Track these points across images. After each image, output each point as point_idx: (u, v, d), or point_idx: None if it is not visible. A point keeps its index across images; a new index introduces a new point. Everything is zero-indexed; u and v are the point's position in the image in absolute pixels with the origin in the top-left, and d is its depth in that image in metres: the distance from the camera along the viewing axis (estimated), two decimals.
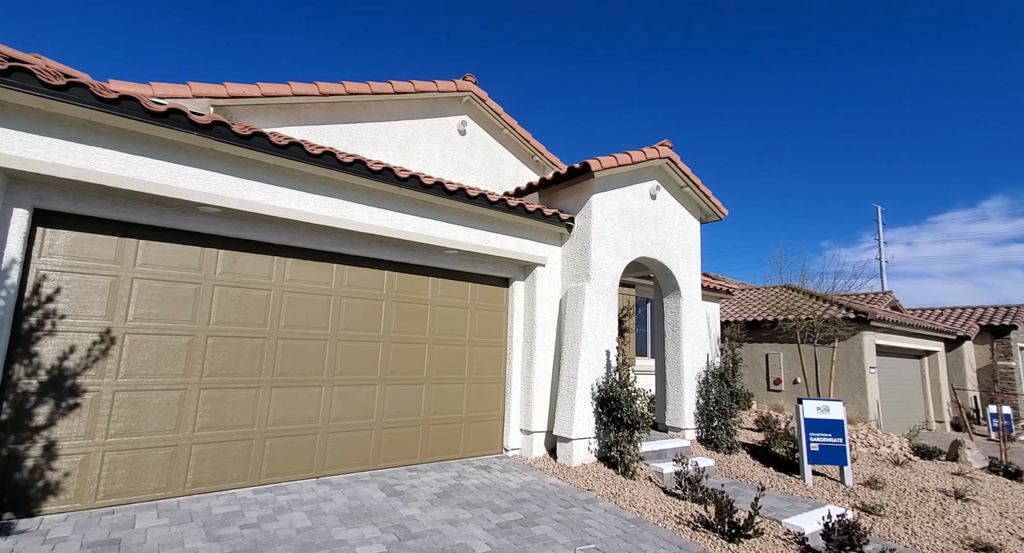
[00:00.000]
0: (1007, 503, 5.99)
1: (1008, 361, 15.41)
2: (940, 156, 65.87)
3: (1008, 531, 5.06)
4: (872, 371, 12.18)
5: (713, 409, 7.05)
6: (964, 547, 4.57)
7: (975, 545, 4.56)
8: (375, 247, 5.37)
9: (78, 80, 3.51)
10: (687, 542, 4.03)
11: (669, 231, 7.57)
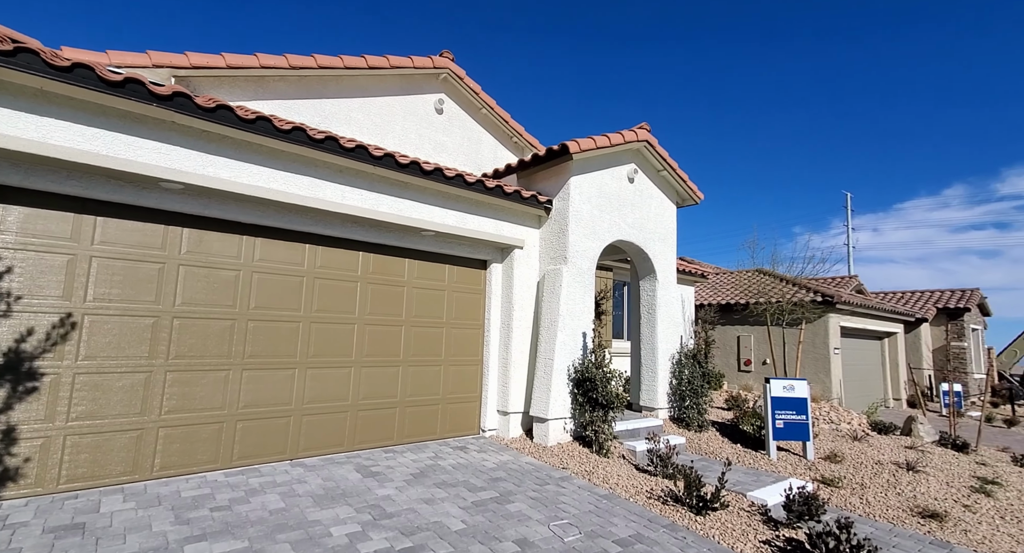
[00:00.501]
0: (953, 474, 6.38)
1: (960, 342, 16.27)
2: (909, 144, 68.07)
3: (953, 499, 5.39)
4: (836, 352, 12.69)
5: (685, 389, 7.25)
6: (913, 514, 4.86)
7: (923, 512, 4.85)
8: (349, 228, 5.25)
9: (27, 46, 3.27)
10: (657, 515, 4.17)
11: (646, 214, 7.63)
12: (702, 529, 3.97)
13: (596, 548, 3.44)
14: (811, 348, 12.65)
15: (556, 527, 3.71)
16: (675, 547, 3.59)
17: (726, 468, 4.41)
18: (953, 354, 16.23)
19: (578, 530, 3.70)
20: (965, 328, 16.41)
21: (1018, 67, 46.68)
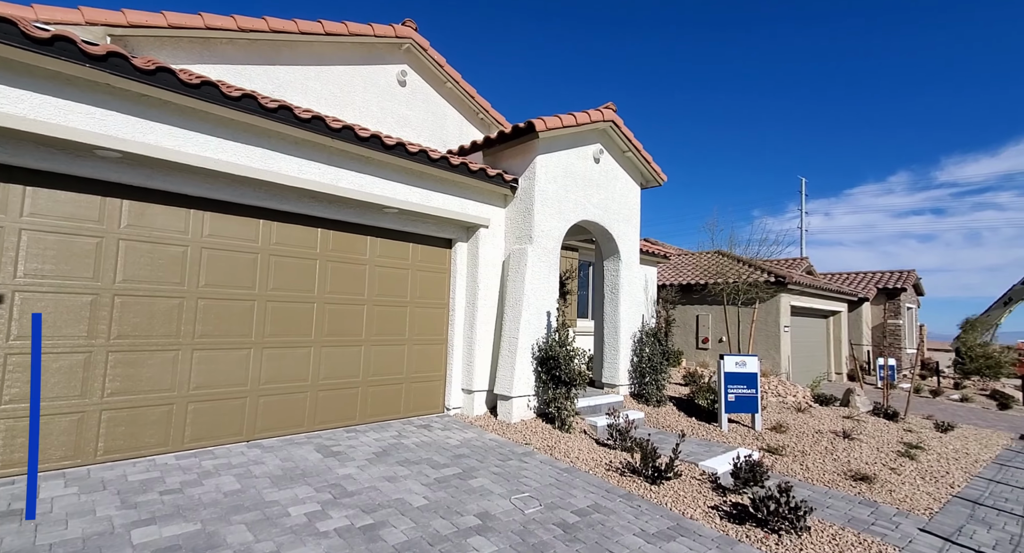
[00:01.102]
0: (883, 440, 6.92)
1: (897, 319, 17.50)
2: (860, 131, 71.40)
3: (881, 463, 5.87)
4: (786, 330, 13.40)
5: (645, 366, 7.49)
6: (846, 478, 5.26)
7: (855, 476, 5.25)
8: (307, 203, 5.05)
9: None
10: (614, 486, 4.34)
11: (611, 195, 7.70)
12: (656, 497, 4.17)
13: (555, 518, 3.56)
14: (763, 326, 13.29)
15: (517, 500, 3.81)
16: (630, 515, 3.75)
17: (680, 440, 4.61)
18: (889, 331, 17.46)
19: (538, 502, 3.81)
20: (901, 307, 17.62)
21: (959, 58, 49.15)
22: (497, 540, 3.15)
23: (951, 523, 4.31)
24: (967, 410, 11.20)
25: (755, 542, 3.49)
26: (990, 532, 4.19)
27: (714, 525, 3.73)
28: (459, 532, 3.20)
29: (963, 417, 9.98)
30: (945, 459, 6.36)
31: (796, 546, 3.48)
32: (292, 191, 4.84)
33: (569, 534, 3.32)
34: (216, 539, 2.86)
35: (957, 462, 6.29)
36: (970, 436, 7.95)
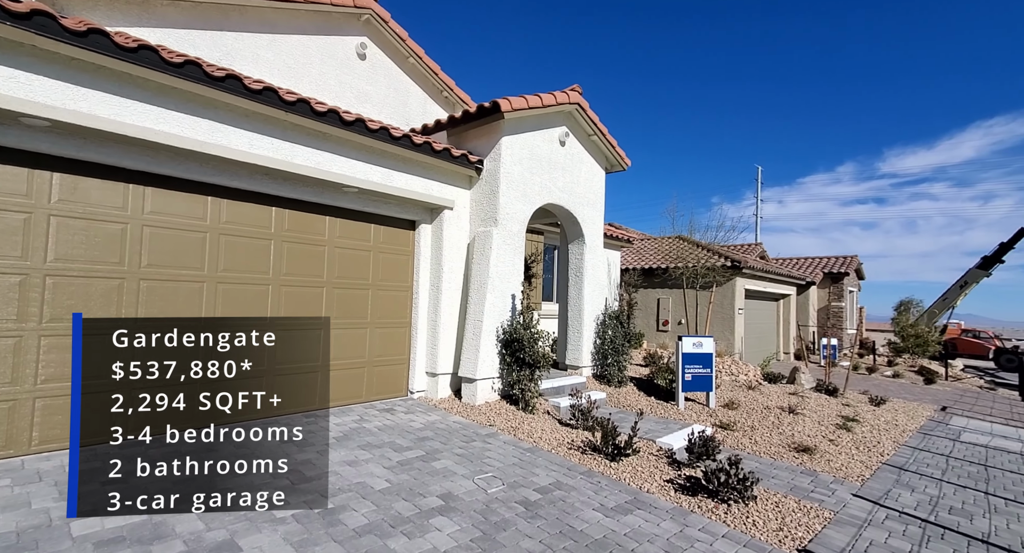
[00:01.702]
0: (824, 414, 7.41)
1: (840, 302, 18.63)
2: (813, 122, 74.38)
3: (822, 436, 6.28)
4: (740, 312, 14.01)
5: (608, 348, 7.67)
6: (790, 450, 5.61)
7: (798, 447, 5.60)
8: (260, 180, 4.80)
9: None
10: (575, 464, 4.45)
11: (576, 179, 7.72)
12: (615, 474, 4.31)
13: (518, 497, 3.62)
14: (719, 309, 13.85)
15: (480, 480, 3.85)
16: (590, 491, 3.87)
17: (638, 418, 4.77)
18: (833, 313, 18.59)
19: (501, 482, 3.87)
20: (844, 290, 18.76)
21: (906, 52, 51.79)
22: (459, 519, 3.18)
23: (880, 488, 4.68)
24: (898, 385, 12.14)
25: (706, 512, 3.67)
26: (913, 494, 4.58)
27: (669, 498, 3.90)
28: (421, 513, 3.21)
29: (894, 392, 10.81)
30: (877, 430, 6.88)
31: (743, 514, 3.69)
32: (243, 167, 4.58)
33: (531, 511, 3.39)
34: (164, 529, 2.76)
35: (887, 433, 6.82)
36: (899, 409, 8.63)
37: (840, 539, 3.46)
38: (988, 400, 11.02)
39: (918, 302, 20.22)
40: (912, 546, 3.49)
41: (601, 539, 3.09)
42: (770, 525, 3.56)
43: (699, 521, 3.52)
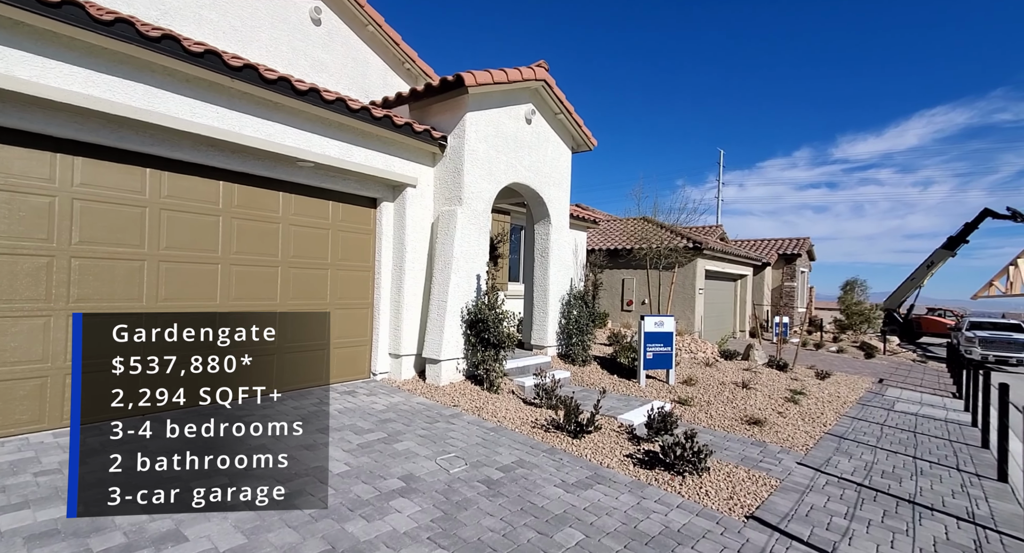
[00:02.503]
0: (774, 388, 7.81)
1: (792, 282, 19.56)
2: (774, 107, 76.43)
3: (771, 409, 6.62)
4: (701, 292, 14.48)
5: (572, 328, 7.76)
6: (743, 423, 5.88)
7: (749, 420, 5.89)
8: (205, 152, 4.48)
9: None
10: (539, 442, 4.51)
11: (543, 158, 7.64)
12: (577, 450, 4.40)
13: (480, 476, 3.64)
14: (681, 289, 14.26)
15: (443, 461, 3.84)
16: (552, 468, 3.93)
17: (600, 396, 4.86)
18: (785, 292, 19.51)
19: (464, 461, 3.87)
20: (796, 271, 19.68)
21: (861, 39, 53.65)
22: (420, 500, 3.17)
23: (822, 456, 4.98)
24: (842, 360, 12.92)
25: (663, 484, 3.81)
26: (851, 461, 4.91)
27: (628, 472, 4.02)
28: (381, 495, 3.17)
29: (838, 366, 11.52)
30: (821, 402, 7.31)
31: (697, 485, 3.84)
32: (185, 137, 4.25)
33: (492, 490, 3.42)
34: (103, 521, 2.61)
35: (830, 404, 7.26)
36: (842, 382, 9.21)
37: (784, 505, 3.67)
38: (919, 372, 11.92)
39: (862, 281, 21.46)
40: (848, 508, 3.74)
41: (561, 514, 3.15)
42: (721, 494, 3.73)
43: (656, 493, 3.64)
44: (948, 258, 19.08)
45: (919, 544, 3.22)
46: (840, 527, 3.35)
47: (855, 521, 3.48)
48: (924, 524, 3.53)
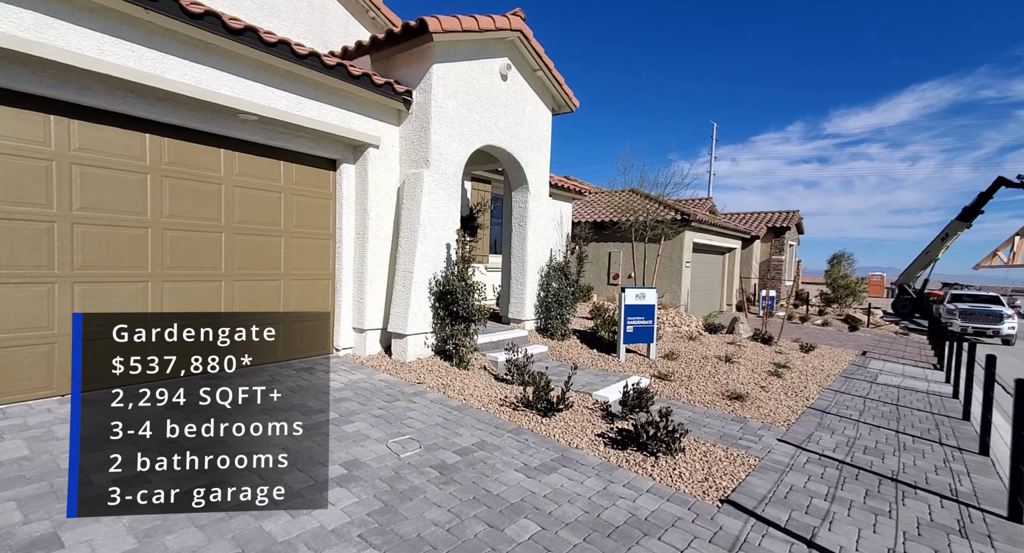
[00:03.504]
0: (758, 362, 7.59)
1: (780, 256, 19.37)
2: (769, 80, 75.09)
3: (754, 383, 6.40)
4: (688, 265, 14.19)
5: (551, 301, 7.41)
6: (724, 398, 5.64)
7: (731, 395, 5.64)
8: (125, 99, 3.92)
9: None
10: (505, 422, 4.20)
11: (520, 119, 7.10)
12: (546, 430, 4.09)
13: (434, 460, 3.31)
14: (668, 262, 13.95)
15: (395, 444, 3.51)
16: (515, 450, 3.62)
17: (572, 372, 4.54)
18: (773, 265, 19.35)
19: (418, 444, 3.54)
20: (785, 244, 19.47)
21: (861, 11, 52.34)
22: (360, 490, 2.83)
23: (803, 432, 4.76)
24: (826, 333, 12.83)
25: (633, 466, 3.52)
26: (833, 437, 4.69)
27: (597, 453, 3.72)
28: (315, 485, 2.83)
29: (823, 339, 11.40)
30: (805, 376, 7.12)
31: (670, 466, 3.57)
32: (96, 79, 3.68)
33: (445, 476, 3.10)
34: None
35: (814, 377, 7.07)
36: (826, 355, 9.05)
37: (762, 486, 3.41)
38: (902, 344, 11.87)
39: (849, 255, 21.36)
40: (829, 488, 3.50)
41: (518, 503, 2.84)
42: (696, 476, 3.46)
43: (625, 476, 3.36)
44: (963, 230, 18.42)
45: (903, 526, 2.99)
46: (820, 510, 3.10)
47: (836, 502, 3.24)
48: (907, 504, 3.30)
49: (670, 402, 5.35)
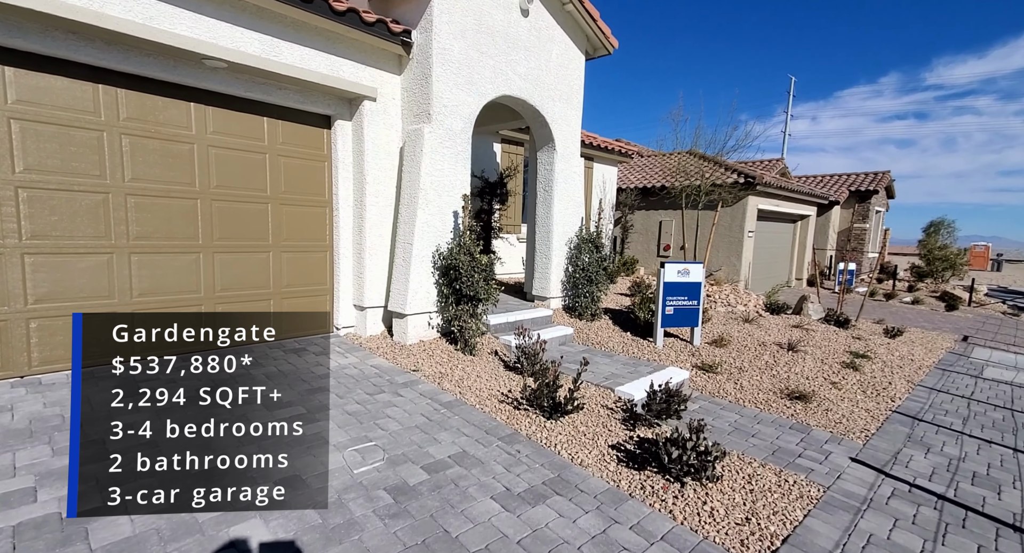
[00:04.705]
0: (829, 350, 6.38)
1: (864, 223, 16.94)
2: (858, 28, 66.01)
3: (823, 377, 5.30)
4: (750, 235, 12.60)
5: (580, 276, 6.53)
6: (781, 396, 4.65)
7: (792, 394, 4.64)
8: (66, 42, 3.41)
9: None
10: (499, 424, 3.51)
11: (545, 64, 6.06)
12: (547, 437, 3.37)
13: (392, 480, 2.70)
14: (727, 231, 12.45)
15: (354, 453, 2.93)
16: (500, 466, 2.93)
17: (582, 368, 3.74)
18: (855, 235, 16.99)
19: (384, 453, 2.95)
20: (870, 210, 16.98)
21: None
22: (280, 524, 2.26)
23: (887, 448, 3.74)
24: (916, 312, 11.01)
25: (649, 496, 2.74)
26: (928, 456, 3.65)
27: (606, 473, 2.97)
28: (220, 521, 2.29)
29: (912, 320, 9.72)
30: (889, 367, 5.89)
31: (699, 499, 2.75)
32: (24, 16, 3.18)
33: (399, 505, 2.47)
34: None
35: (901, 370, 5.82)
36: (916, 340, 7.59)
37: (827, 536, 2.54)
38: (1011, 327, 9.91)
39: (950, 222, 18.40)
40: (924, 543, 2.57)
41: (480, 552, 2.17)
42: (734, 516, 2.63)
43: (636, 511, 2.59)
44: None
45: None
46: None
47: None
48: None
49: (712, 401, 4.45)
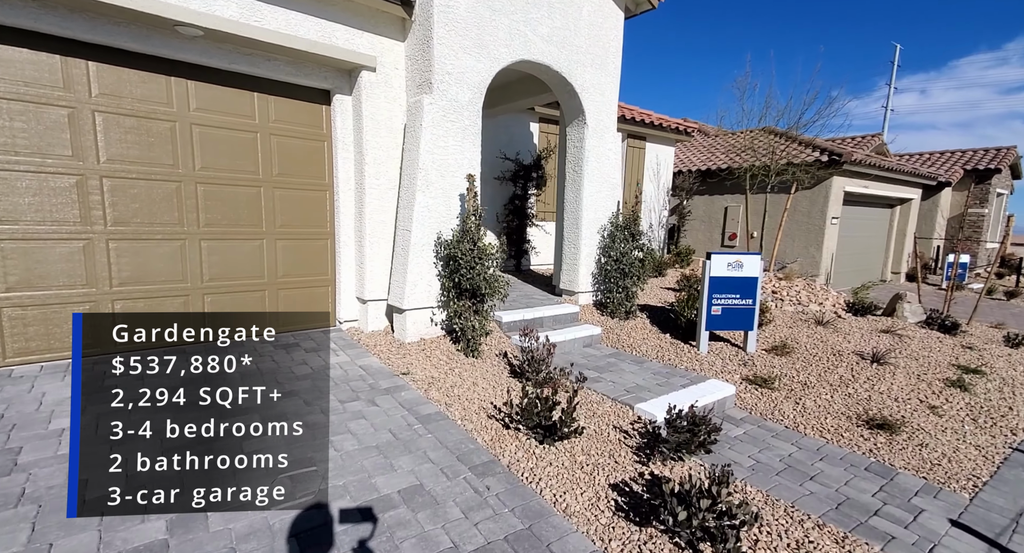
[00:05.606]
0: (929, 363, 5.10)
1: (981, 208, 14.22)
2: None
3: (919, 399, 4.17)
4: (834, 222, 10.90)
5: (613, 269, 5.71)
6: (857, 423, 3.66)
7: (871, 421, 3.64)
8: (24, 9, 3.18)
9: None
10: (478, 448, 2.91)
11: (574, 22, 5.22)
12: (532, 469, 2.73)
13: (307, 523, 2.19)
14: (805, 218, 10.86)
15: (280, 487, 2.45)
16: (459, 510, 2.33)
17: (578, 384, 3.02)
18: (969, 222, 14.33)
19: (315, 489, 2.45)
20: (991, 193, 14.22)
21: None
22: None
23: (1004, 506, 2.73)
24: None
25: None
26: None
27: (594, 528, 2.27)
28: None
29: None
30: (1010, 387, 4.57)
31: None
32: None
33: None
34: None
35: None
36: None
37: None
38: None
39: None
40: None
41: None
42: None
43: None
44: None
45: None
46: None
47: None
48: None
49: (763, 425, 3.56)
